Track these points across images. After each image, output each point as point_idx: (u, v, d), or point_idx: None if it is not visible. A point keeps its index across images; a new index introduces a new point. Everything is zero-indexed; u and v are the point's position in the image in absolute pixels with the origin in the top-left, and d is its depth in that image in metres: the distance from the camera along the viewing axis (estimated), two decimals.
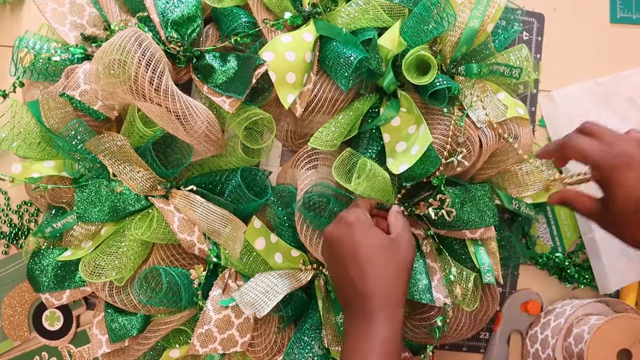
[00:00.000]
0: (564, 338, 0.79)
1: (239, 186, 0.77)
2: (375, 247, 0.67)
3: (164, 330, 0.78)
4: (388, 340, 0.63)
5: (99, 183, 0.75)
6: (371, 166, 0.73)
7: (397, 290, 0.66)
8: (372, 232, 0.68)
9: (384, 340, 0.63)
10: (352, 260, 0.66)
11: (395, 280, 0.66)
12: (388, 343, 0.63)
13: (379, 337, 0.63)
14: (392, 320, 0.64)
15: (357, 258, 0.66)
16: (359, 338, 0.64)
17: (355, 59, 0.73)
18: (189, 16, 0.77)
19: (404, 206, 0.79)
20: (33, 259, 0.79)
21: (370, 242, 0.67)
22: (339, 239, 0.68)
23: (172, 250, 0.79)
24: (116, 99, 0.72)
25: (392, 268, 0.66)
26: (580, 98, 0.89)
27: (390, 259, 0.67)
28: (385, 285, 0.65)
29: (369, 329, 0.63)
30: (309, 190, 0.76)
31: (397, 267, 0.67)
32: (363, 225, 0.68)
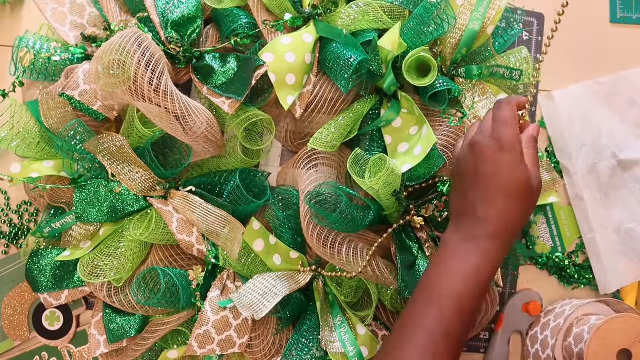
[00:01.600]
0: (564, 338, 0.79)
1: (237, 187, 0.77)
2: (518, 184, 0.63)
3: (162, 331, 0.78)
4: (489, 270, 0.63)
5: (98, 183, 0.75)
6: (389, 162, 0.73)
7: (515, 230, 0.65)
8: (521, 167, 0.64)
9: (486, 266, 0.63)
10: (489, 185, 0.64)
11: (520, 220, 0.65)
12: (487, 271, 0.63)
13: (482, 261, 0.62)
14: (498, 255, 0.64)
15: (496, 185, 0.63)
16: (458, 257, 0.63)
17: (355, 60, 0.73)
18: (189, 17, 0.77)
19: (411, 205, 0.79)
20: (32, 259, 0.79)
21: (517, 178, 0.63)
22: (485, 155, 0.64)
23: (170, 251, 0.79)
24: (116, 100, 0.72)
25: (521, 209, 0.64)
26: (580, 98, 0.89)
27: (522, 200, 0.64)
28: (510, 223, 0.64)
29: (478, 250, 0.63)
30: (317, 187, 0.76)
31: (525, 210, 0.65)
32: (516, 155, 0.63)
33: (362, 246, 0.78)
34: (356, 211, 0.76)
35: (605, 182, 0.88)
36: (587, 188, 0.87)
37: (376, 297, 0.80)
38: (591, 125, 0.89)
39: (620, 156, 0.88)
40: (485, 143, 0.64)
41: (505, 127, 0.64)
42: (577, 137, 0.87)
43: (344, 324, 0.78)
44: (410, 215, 0.79)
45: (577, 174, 0.87)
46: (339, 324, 0.78)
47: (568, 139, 0.87)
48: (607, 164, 0.88)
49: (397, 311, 0.83)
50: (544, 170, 0.84)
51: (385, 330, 0.83)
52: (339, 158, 0.82)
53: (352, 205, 0.76)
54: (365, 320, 0.80)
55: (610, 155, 0.88)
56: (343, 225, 0.75)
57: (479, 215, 0.64)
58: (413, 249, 0.79)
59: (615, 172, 0.88)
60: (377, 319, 0.84)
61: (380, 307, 0.83)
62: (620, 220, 0.88)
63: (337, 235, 0.77)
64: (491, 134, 0.65)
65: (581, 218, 0.89)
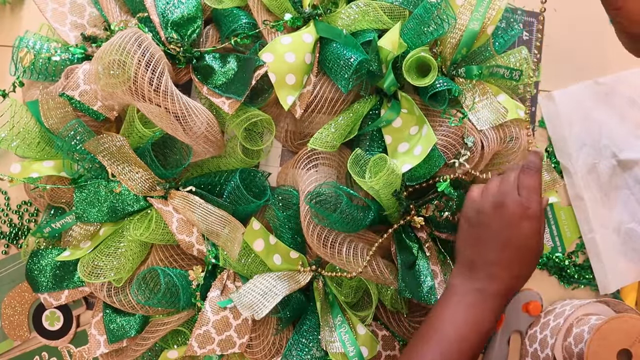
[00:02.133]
0: (564, 338, 0.79)
1: (237, 187, 0.77)
2: (535, 253, 0.69)
3: (162, 331, 0.78)
4: (492, 324, 0.67)
5: (97, 183, 0.75)
6: (390, 161, 0.73)
7: (518, 290, 0.72)
8: (540, 238, 0.69)
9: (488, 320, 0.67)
10: (510, 248, 0.67)
11: (524, 282, 0.70)
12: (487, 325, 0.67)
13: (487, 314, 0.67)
14: (500, 310, 0.68)
15: (516, 251, 0.67)
16: (466, 305, 0.67)
17: (355, 60, 0.73)
18: (189, 17, 0.77)
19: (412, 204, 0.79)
20: (32, 259, 0.79)
21: (535, 247, 0.68)
22: (512, 220, 0.67)
23: (170, 251, 0.79)
24: (116, 100, 0.72)
25: (529, 274, 0.70)
26: (580, 98, 0.89)
27: (532, 266, 0.70)
28: (517, 285, 0.69)
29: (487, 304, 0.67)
30: (317, 187, 0.76)
31: (530, 274, 0.70)
32: (539, 225, 0.68)
33: (362, 246, 0.78)
34: (356, 211, 0.76)
35: (605, 182, 0.88)
36: (587, 188, 0.87)
37: (376, 297, 0.80)
38: (591, 125, 0.89)
39: (620, 156, 0.88)
40: (513, 209, 0.67)
41: (535, 196, 0.68)
42: (577, 137, 0.87)
43: (344, 324, 0.78)
44: (411, 215, 0.79)
45: (577, 174, 0.87)
46: (339, 324, 0.78)
47: (568, 139, 0.87)
48: (607, 164, 0.88)
49: (397, 311, 0.83)
50: (544, 170, 0.84)
51: (385, 330, 0.83)
52: (339, 158, 0.82)
53: (352, 205, 0.76)
54: (365, 320, 0.80)
55: (610, 155, 0.88)
56: (343, 225, 0.75)
57: (493, 273, 0.68)
58: (413, 249, 0.79)
59: (615, 172, 0.88)
60: (377, 319, 0.84)
61: (380, 307, 0.83)
62: (620, 220, 0.88)
63: (337, 235, 0.77)
64: (521, 201, 0.68)
65: (581, 218, 0.89)
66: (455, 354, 0.65)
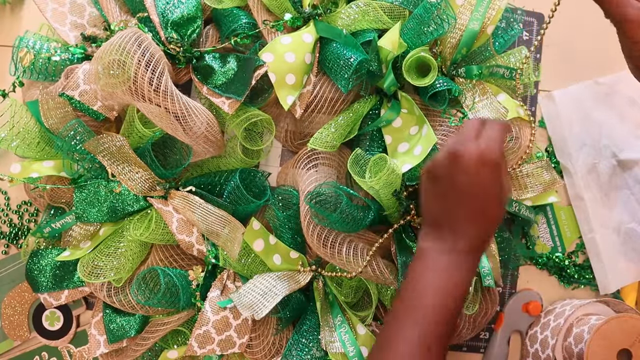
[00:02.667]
0: (564, 338, 0.79)
1: (237, 187, 0.77)
2: (500, 205, 0.63)
3: (162, 331, 0.78)
4: (466, 286, 0.62)
5: (97, 183, 0.75)
6: (390, 161, 0.73)
7: (487, 247, 0.66)
8: (504, 187, 0.63)
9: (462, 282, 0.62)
10: (474, 202, 0.62)
11: (491, 238, 0.67)
12: (463, 286, 0.62)
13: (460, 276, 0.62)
14: (473, 271, 0.64)
15: (481, 204, 0.62)
16: (438, 270, 0.62)
17: (355, 60, 0.73)
18: (189, 17, 0.77)
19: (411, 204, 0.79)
20: (32, 259, 0.79)
21: (500, 199, 0.63)
22: (470, 171, 0.61)
23: (170, 251, 0.79)
24: (116, 100, 0.72)
25: (495, 227, 0.65)
26: (580, 98, 0.89)
27: (499, 219, 0.64)
28: (487, 241, 0.64)
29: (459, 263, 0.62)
30: (317, 187, 0.76)
31: (496, 228, 0.65)
32: (505, 170, 0.63)
33: (362, 246, 0.78)
34: (356, 211, 0.76)
35: (605, 182, 0.88)
36: (587, 188, 0.87)
37: (376, 297, 0.80)
38: (591, 125, 0.89)
39: (620, 156, 0.88)
40: (469, 156, 0.61)
41: (494, 143, 0.62)
42: (577, 137, 0.87)
43: (344, 324, 0.78)
44: (411, 215, 0.79)
45: (577, 174, 0.87)
46: (339, 324, 0.78)
47: (568, 139, 0.87)
48: (607, 164, 0.88)
49: None
50: (544, 170, 0.84)
51: None
52: (339, 158, 0.82)
53: (352, 205, 0.76)
54: (365, 320, 0.80)
55: (610, 155, 0.88)
56: (343, 225, 0.75)
57: (459, 229, 0.63)
58: (413, 248, 0.79)
59: (615, 172, 0.88)
60: (377, 319, 0.84)
61: (380, 307, 0.83)
62: (620, 220, 0.88)
63: (337, 235, 0.77)
64: (477, 148, 0.62)
65: (581, 218, 0.89)
66: (432, 325, 0.60)
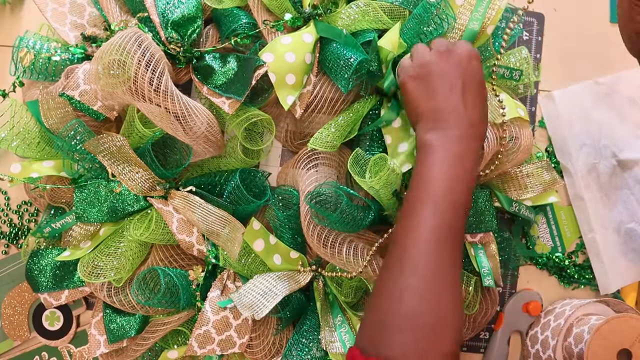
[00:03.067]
0: (564, 338, 0.79)
1: (237, 187, 0.77)
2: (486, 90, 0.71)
3: (163, 331, 0.78)
4: (476, 169, 0.67)
5: (98, 183, 0.75)
6: (390, 161, 0.73)
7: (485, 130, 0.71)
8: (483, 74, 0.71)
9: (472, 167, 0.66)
10: (473, 89, 0.68)
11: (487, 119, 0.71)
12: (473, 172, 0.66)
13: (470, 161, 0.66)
14: (479, 155, 0.69)
15: (479, 89, 0.69)
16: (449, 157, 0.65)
17: (355, 60, 0.73)
18: (189, 17, 0.77)
19: None
20: (32, 259, 0.79)
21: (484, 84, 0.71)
22: (463, 62, 0.69)
23: (170, 251, 0.79)
24: (116, 99, 0.72)
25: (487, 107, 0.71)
26: (580, 98, 0.89)
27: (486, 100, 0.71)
28: (486, 124, 0.70)
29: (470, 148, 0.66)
30: (318, 187, 0.76)
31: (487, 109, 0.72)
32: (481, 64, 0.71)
33: (363, 246, 0.78)
34: (356, 211, 0.76)
35: (605, 182, 0.88)
36: (587, 188, 0.87)
37: None
38: (591, 125, 0.89)
39: (620, 156, 0.88)
40: (460, 50, 0.69)
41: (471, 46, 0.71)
42: (577, 137, 0.87)
43: (344, 324, 0.78)
44: None
45: (577, 174, 0.87)
46: (339, 324, 0.78)
47: (568, 139, 0.87)
48: (607, 164, 0.88)
49: None
50: (544, 170, 0.84)
51: None
52: (339, 158, 0.82)
53: (352, 205, 0.76)
54: None
55: (610, 155, 0.88)
56: (343, 225, 0.75)
57: (463, 116, 0.67)
58: None
59: (615, 172, 0.88)
60: None
61: None
62: (620, 220, 0.88)
63: (338, 235, 0.77)
64: (462, 44, 0.70)
65: (581, 218, 0.89)
66: (451, 210, 0.63)
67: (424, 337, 0.56)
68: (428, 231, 0.61)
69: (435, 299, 0.58)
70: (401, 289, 0.59)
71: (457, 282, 0.62)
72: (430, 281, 0.59)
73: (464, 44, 0.70)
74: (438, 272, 0.59)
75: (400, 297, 0.58)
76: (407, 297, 0.58)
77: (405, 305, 0.58)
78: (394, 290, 0.59)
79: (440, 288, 0.59)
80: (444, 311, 0.58)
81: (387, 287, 0.60)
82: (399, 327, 0.57)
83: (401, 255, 0.61)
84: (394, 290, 0.59)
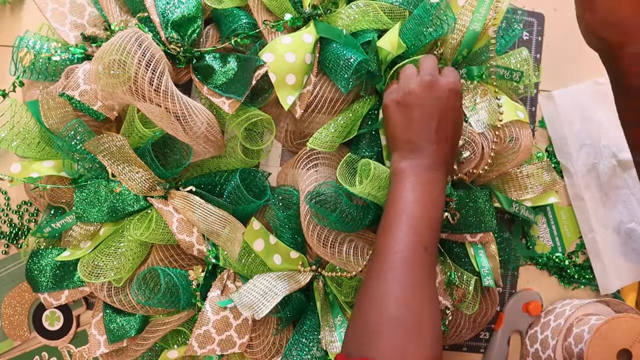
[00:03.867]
0: (564, 338, 0.79)
1: (237, 187, 0.77)
2: (461, 122, 0.74)
3: (163, 330, 0.78)
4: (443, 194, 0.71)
5: (98, 183, 0.75)
6: (374, 167, 0.74)
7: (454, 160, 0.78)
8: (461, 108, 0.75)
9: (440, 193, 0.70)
10: (446, 125, 0.71)
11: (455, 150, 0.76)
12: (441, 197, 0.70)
13: (439, 188, 0.70)
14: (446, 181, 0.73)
15: (452, 126, 0.72)
16: (420, 185, 0.70)
17: (355, 61, 0.73)
18: (189, 17, 0.77)
19: None
20: (32, 259, 0.78)
21: (460, 120, 0.74)
22: (442, 99, 0.71)
23: (170, 251, 0.79)
24: (116, 99, 0.72)
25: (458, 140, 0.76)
26: (580, 98, 0.89)
27: (460, 133, 0.75)
28: (455, 153, 0.75)
29: (437, 178, 0.71)
30: (317, 187, 0.76)
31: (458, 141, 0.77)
32: (460, 102, 0.74)
33: (362, 245, 0.78)
34: (356, 211, 0.76)
35: (605, 182, 0.88)
36: (587, 188, 0.87)
37: None
38: (591, 125, 0.89)
39: (620, 156, 0.88)
40: (442, 84, 0.71)
41: (454, 73, 0.73)
42: (577, 137, 0.87)
43: (344, 324, 0.78)
44: None
45: (577, 174, 0.87)
46: (339, 324, 0.78)
47: (568, 139, 0.87)
48: (607, 164, 0.88)
49: None
50: (544, 171, 0.84)
51: None
52: (339, 158, 0.82)
53: (352, 205, 0.76)
54: None
55: (610, 155, 0.88)
56: (343, 224, 0.75)
57: (435, 149, 0.71)
58: None
59: (615, 172, 0.89)
60: None
61: None
62: (620, 220, 0.88)
63: (337, 234, 0.77)
64: (445, 78, 0.72)
65: (581, 218, 0.89)
66: (424, 230, 0.67)
67: (405, 337, 0.60)
68: (405, 244, 0.66)
69: (413, 304, 0.62)
70: (382, 296, 0.63)
71: (433, 287, 0.66)
72: (410, 289, 0.64)
73: (449, 75, 0.73)
74: (415, 279, 0.64)
75: (381, 303, 0.63)
76: (389, 302, 0.63)
77: (387, 310, 0.62)
78: (376, 297, 0.64)
79: (419, 295, 0.64)
80: (422, 315, 0.62)
81: (370, 295, 0.65)
82: (381, 331, 0.61)
83: (382, 267, 0.66)
84: (376, 298, 0.64)
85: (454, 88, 0.72)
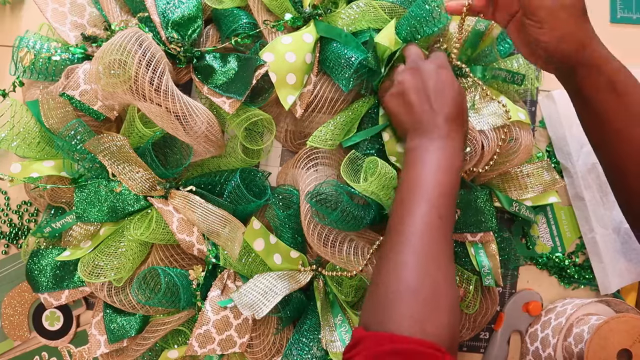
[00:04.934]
0: (564, 338, 0.79)
1: (238, 187, 0.77)
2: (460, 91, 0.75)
3: (163, 330, 0.78)
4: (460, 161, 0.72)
5: (98, 183, 0.75)
6: (381, 165, 0.74)
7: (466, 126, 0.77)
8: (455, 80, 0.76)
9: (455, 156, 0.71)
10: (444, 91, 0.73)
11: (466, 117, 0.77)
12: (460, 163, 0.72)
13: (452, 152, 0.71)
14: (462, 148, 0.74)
15: (454, 90, 0.73)
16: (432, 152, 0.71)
17: (356, 60, 0.73)
18: (190, 17, 0.77)
19: None
20: (32, 258, 0.79)
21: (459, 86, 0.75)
22: (440, 73, 0.74)
23: (171, 251, 0.79)
24: (116, 99, 0.72)
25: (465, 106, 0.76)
26: None
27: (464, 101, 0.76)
28: (464, 119, 0.75)
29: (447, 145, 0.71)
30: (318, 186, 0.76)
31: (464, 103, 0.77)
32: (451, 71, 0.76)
33: (363, 245, 0.78)
34: (357, 210, 0.76)
35: (605, 182, 0.88)
36: (587, 188, 0.87)
37: None
38: None
39: None
40: (426, 65, 0.74)
41: (441, 52, 0.77)
42: (577, 137, 0.87)
43: (345, 323, 0.78)
44: None
45: (577, 174, 0.87)
46: (340, 324, 0.78)
47: (568, 139, 0.87)
48: None
49: None
50: (544, 170, 0.84)
51: None
52: (339, 157, 0.82)
53: (352, 204, 0.76)
54: None
55: None
56: (344, 224, 0.75)
57: (444, 118, 0.72)
58: None
59: None
60: None
61: None
62: (620, 220, 0.88)
63: (338, 234, 0.77)
64: (429, 59, 0.75)
65: (581, 218, 0.89)
66: (439, 197, 0.67)
67: (422, 307, 0.60)
68: (421, 216, 0.66)
69: (430, 273, 0.63)
70: (398, 267, 0.63)
71: (450, 259, 0.67)
72: (425, 258, 0.64)
73: (434, 58, 0.76)
74: (432, 250, 0.65)
75: (398, 274, 0.63)
76: (405, 273, 0.63)
77: (403, 280, 0.62)
78: (393, 268, 0.64)
79: (434, 264, 0.64)
80: (439, 284, 0.62)
81: (386, 267, 0.65)
82: (398, 301, 0.61)
83: (398, 238, 0.66)
84: (392, 269, 0.64)
85: (441, 64, 0.74)
